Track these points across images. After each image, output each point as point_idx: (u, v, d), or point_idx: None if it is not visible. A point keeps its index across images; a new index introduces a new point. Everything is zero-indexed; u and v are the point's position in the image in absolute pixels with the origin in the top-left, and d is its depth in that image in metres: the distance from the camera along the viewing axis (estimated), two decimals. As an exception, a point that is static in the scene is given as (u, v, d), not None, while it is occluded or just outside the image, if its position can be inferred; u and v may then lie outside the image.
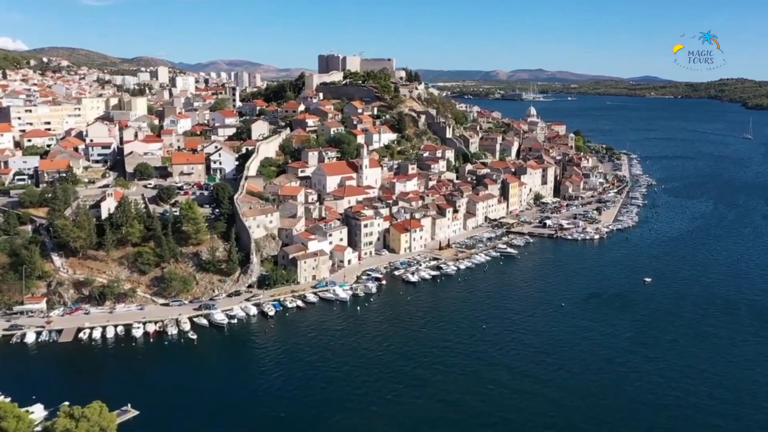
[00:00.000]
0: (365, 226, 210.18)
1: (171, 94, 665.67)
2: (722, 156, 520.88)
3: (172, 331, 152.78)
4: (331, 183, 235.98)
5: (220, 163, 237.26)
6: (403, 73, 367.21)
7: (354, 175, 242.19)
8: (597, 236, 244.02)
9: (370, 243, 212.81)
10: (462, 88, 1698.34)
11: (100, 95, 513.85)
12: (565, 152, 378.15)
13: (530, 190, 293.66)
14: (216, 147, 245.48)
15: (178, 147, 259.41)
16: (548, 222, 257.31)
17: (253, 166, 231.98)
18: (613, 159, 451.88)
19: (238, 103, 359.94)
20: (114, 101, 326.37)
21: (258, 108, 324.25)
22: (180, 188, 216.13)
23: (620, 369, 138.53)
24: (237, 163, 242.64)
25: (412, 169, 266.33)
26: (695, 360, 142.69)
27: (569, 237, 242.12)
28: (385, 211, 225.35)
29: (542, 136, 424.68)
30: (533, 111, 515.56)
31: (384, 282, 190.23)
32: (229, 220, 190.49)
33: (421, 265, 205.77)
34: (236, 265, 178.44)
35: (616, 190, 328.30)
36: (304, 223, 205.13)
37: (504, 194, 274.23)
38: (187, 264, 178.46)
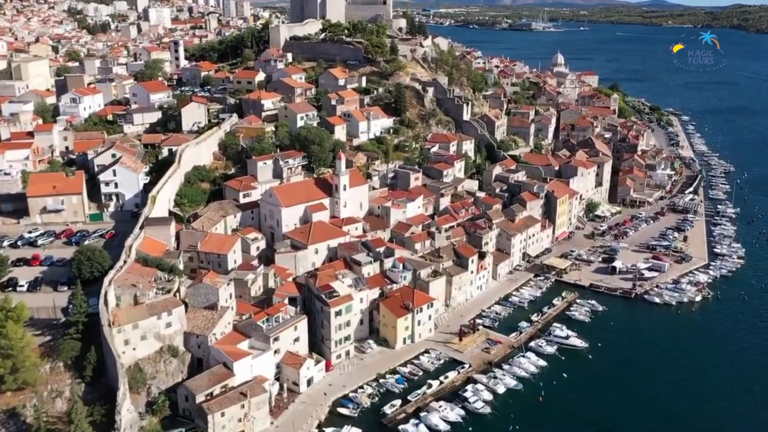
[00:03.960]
0: (338, 314, 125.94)
1: (139, 30, 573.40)
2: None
3: None
4: (290, 218, 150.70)
5: (116, 186, 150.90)
6: (402, 23, 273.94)
7: (326, 200, 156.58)
8: (698, 296, 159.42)
9: (347, 338, 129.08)
10: (466, 16, 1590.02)
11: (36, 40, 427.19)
12: (611, 123, 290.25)
13: (580, 197, 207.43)
14: (113, 156, 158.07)
15: (66, 150, 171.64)
16: (617, 264, 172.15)
17: (163, 195, 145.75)
18: (665, 125, 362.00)
19: (183, 63, 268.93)
20: (1, 65, 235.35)
21: (203, 74, 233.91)
22: (32, 243, 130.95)
23: None
24: (147, 180, 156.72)
25: (416, 179, 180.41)
26: None
27: (656, 299, 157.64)
28: (371, 269, 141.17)
29: (574, 93, 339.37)
30: (560, 58, 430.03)
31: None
32: (90, 329, 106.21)
33: (429, 386, 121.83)
34: (85, 430, 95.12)
35: (691, 190, 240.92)
36: (234, 314, 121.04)
37: (549, 213, 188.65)
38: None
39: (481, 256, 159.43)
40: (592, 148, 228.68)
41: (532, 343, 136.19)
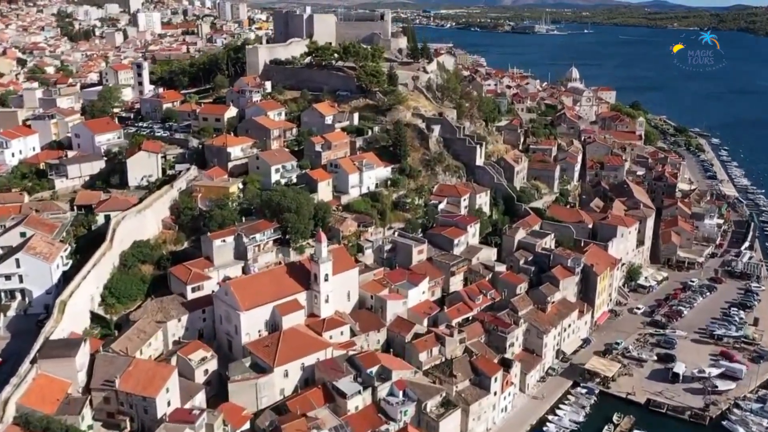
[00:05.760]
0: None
1: (126, 36, 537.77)
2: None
3: None
4: (252, 324, 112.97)
5: (21, 280, 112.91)
6: (403, 43, 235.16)
7: (302, 295, 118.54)
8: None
9: None
10: (467, 18, 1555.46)
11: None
12: (642, 155, 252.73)
13: (621, 263, 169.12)
14: (22, 235, 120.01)
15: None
16: (679, 370, 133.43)
17: (82, 293, 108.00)
18: (695, 151, 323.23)
19: (147, 89, 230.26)
20: None
21: (165, 105, 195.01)
22: None
23: None
24: (68, 265, 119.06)
25: (419, 252, 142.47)
26: None
27: (740, 429, 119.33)
28: (360, 401, 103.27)
29: (591, 112, 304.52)
30: (575, 73, 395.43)
31: None
32: None
33: None
34: None
35: (747, 245, 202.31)
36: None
37: (586, 291, 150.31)
38: None
39: (506, 365, 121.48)
40: (630, 197, 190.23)
41: None
